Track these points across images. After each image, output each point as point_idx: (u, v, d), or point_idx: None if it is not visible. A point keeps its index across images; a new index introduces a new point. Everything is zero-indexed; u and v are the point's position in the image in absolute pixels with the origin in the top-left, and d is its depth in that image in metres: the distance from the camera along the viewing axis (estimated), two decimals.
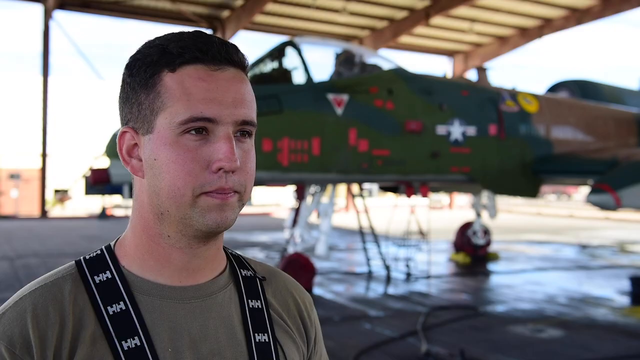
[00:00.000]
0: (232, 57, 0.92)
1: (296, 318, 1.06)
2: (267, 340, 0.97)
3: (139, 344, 0.87)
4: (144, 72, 0.91)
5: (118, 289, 0.91)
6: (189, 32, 0.93)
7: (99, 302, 0.89)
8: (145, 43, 0.94)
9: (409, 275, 10.25)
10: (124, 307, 0.89)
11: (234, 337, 0.95)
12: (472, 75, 22.38)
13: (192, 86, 0.88)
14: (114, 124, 8.86)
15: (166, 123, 0.89)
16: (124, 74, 0.94)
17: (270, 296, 1.04)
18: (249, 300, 1.00)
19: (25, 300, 0.88)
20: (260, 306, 1.00)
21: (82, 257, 0.96)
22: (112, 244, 0.98)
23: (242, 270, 1.04)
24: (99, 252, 0.96)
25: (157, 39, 0.93)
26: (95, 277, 0.92)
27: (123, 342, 0.87)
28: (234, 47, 0.93)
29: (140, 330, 0.88)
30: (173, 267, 0.94)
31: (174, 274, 0.94)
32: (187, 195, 0.88)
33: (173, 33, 0.94)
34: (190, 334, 0.92)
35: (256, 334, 0.97)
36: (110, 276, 0.92)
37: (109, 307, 0.89)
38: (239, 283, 1.01)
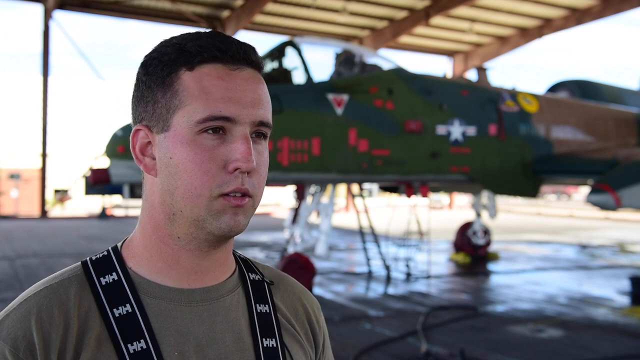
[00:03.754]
0: (250, 58, 0.92)
1: (304, 323, 1.05)
2: (274, 345, 0.96)
3: (145, 347, 0.86)
4: (160, 70, 0.90)
5: (124, 291, 0.90)
6: (206, 32, 0.93)
7: (105, 304, 0.88)
8: (161, 42, 0.93)
9: (409, 275, 10.25)
10: (130, 310, 0.88)
11: (241, 342, 0.94)
12: (472, 75, 22.38)
13: (211, 85, 0.88)
14: (114, 124, 8.86)
15: (184, 121, 0.88)
16: (138, 72, 0.93)
17: (278, 301, 1.03)
18: (257, 305, 0.99)
19: (30, 301, 0.87)
20: (268, 310, 0.99)
21: (88, 259, 0.94)
22: (119, 245, 0.96)
23: (250, 274, 1.02)
24: (105, 253, 0.95)
25: (173, 38, 0.92)
26: (101, 278, 0.91)
27: (129, 345, 0.85)
28: (252, 47, 0.93)
29: (146, 334, 0.87)
30: (181, 269, 0.93)
31: (182, 276, 0.93)
32: (205, 195, 0.87)
33: (189, 33, 0.93)
34: (197, 337, 0.90)
35: (264, 339, 0.95)
36: (116, 278, 0.91)
37: (115, 310, 0.88)
38: (247, 287, 1.00)
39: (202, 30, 0.94)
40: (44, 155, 20.42)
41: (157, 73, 0.90)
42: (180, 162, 0.87)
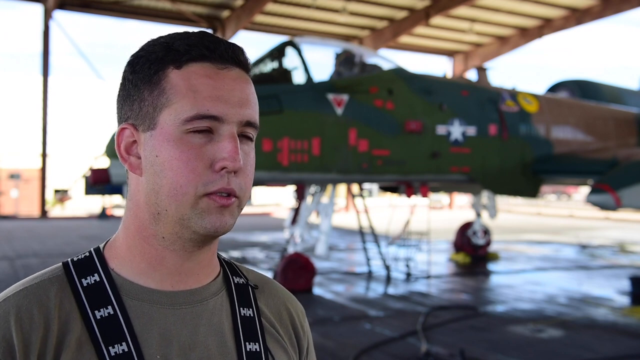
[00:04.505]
0: (239, 57, 0.91)
1: (288, 327, 1.03)
2: (258, 349, 0.95)
3: (126, 350, 0.84)
4: (147, 68, 0.89)
5: (106, 292, 0.88)
6: (194, 32, 0.92)
7: (86, 306, 0.86)
8: (149, 41, 0.92)
9: (409, 275, 10.25)
10: (112, 312, 0.87)
11: (224, 346, 0.93)
12: (472, 75, 22.38)
13: (198, 83, 0.87)
14: (114, 124, 8.86)
15: (170, 119, 0.87)
16: (125, 71, 0.92)
17: (262, 304, 1.02)
18: (241, 308, 0.97)
19: (9, 302, 0.85)
20: (252, 314, 0.98)
21: (69, 259, 0.93)
22: (101, 246, 0.95)
23: (234, 277, 1.01)
24: (87, 254, 0.94)
25: (161, 37, 0.92)
26: (83, 280, 0.89)
27: (110, 348, 0.84)
28: (240, 48, 0.92)
29: (128, 336, 0.85)
30: (165, 270, 0.91)
31: (166, 277, 0.92)
32: (190, 194, 0.86)
33: (178, 32, 0.92)
34: (180, 341, 0.89)
35: (247, 343, 0.94)
36: (98, 279, 0.89)
37: (96, 312, 0.86)
38: (231, 290, 0.99)
39: (191, 30, 0.94)
40: (44, 155, 20.42)
41: (144, 71, 0.89)
42: (167, 160, 0.86)
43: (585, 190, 20.45)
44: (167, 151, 0.87)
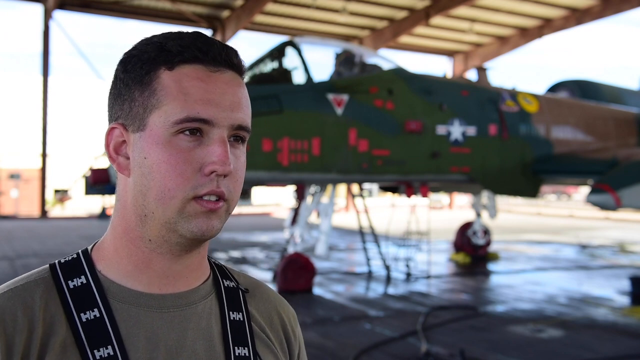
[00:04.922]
0: (232, 60, 0.90)
1: (279, 332, 1.02)
2: (247, 354, 0.93)
3: (112, 353, 0.83)
4: (139, 68, 0.88)
5: (93, 295, 0.87)
6: (188, 32, 0.91)
7: (72, 308, 0.85)
8: (142, 40, 0.91)
9: (409, 275, 10.25)
10: (98, 315, 0.85)
11: (213, 350, 0.91)
12: (472, 75, 22.38)
13: (190, 86, 0.86)
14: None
15: (160, 121, 0.86)
16: (117, 69, 0.91)
17: (253, 309, 1.00)
18: (230, 312, 0.96)
19: None
20: (241, 318, 0.96)
21: (56, 261, 0.92)
22: (89, 248, 0.94)
23: (224, 280, 1.00)
24: (74, 255, 0.92)
25: (154, 36, 0.91)
26: (70, 282, 0.88)
27: (95, 351, 0.83)
28: (234, 50, 0.91)
29: (114, 340, 0.84)
30: (153, 273, 0.90)
31: (154, 280, 0.90)
32: (178, 197, 0.85)
33: (171, 32, 0.91)
34: (167, 344, 0.88)
35: (236, 347, 0.93)
36: (85, 281, 0.88)
37: (82, 314, 0.85)
38: (221, 294, 0.97)
39: (185, 30, 0.92)
40: (44, 155, 20.42)
41: (136, 71, 0.88)
42: (155, 162, 0.85)
43: (585, 190, 20.46)
44: (155, 154, 0.86)
